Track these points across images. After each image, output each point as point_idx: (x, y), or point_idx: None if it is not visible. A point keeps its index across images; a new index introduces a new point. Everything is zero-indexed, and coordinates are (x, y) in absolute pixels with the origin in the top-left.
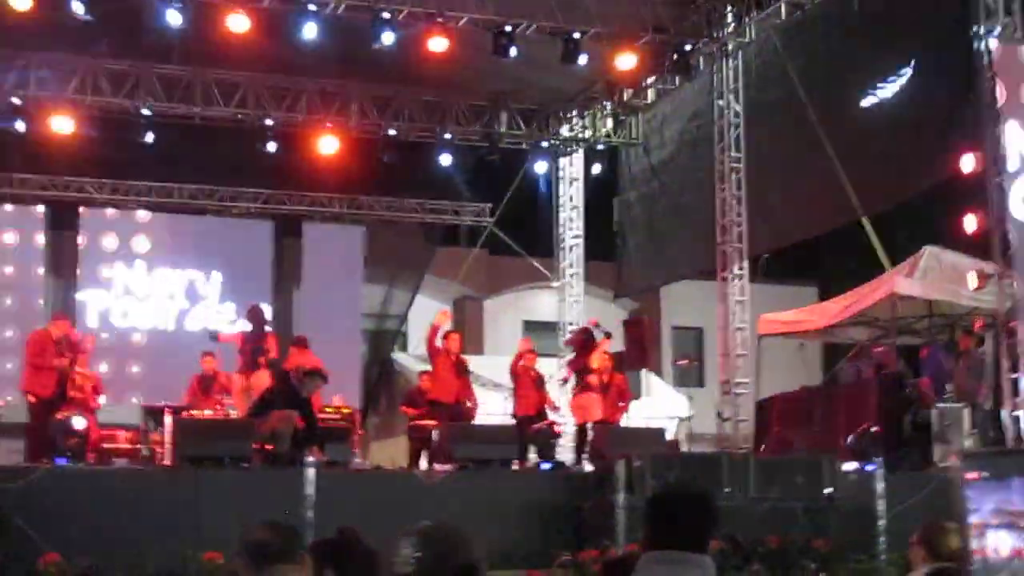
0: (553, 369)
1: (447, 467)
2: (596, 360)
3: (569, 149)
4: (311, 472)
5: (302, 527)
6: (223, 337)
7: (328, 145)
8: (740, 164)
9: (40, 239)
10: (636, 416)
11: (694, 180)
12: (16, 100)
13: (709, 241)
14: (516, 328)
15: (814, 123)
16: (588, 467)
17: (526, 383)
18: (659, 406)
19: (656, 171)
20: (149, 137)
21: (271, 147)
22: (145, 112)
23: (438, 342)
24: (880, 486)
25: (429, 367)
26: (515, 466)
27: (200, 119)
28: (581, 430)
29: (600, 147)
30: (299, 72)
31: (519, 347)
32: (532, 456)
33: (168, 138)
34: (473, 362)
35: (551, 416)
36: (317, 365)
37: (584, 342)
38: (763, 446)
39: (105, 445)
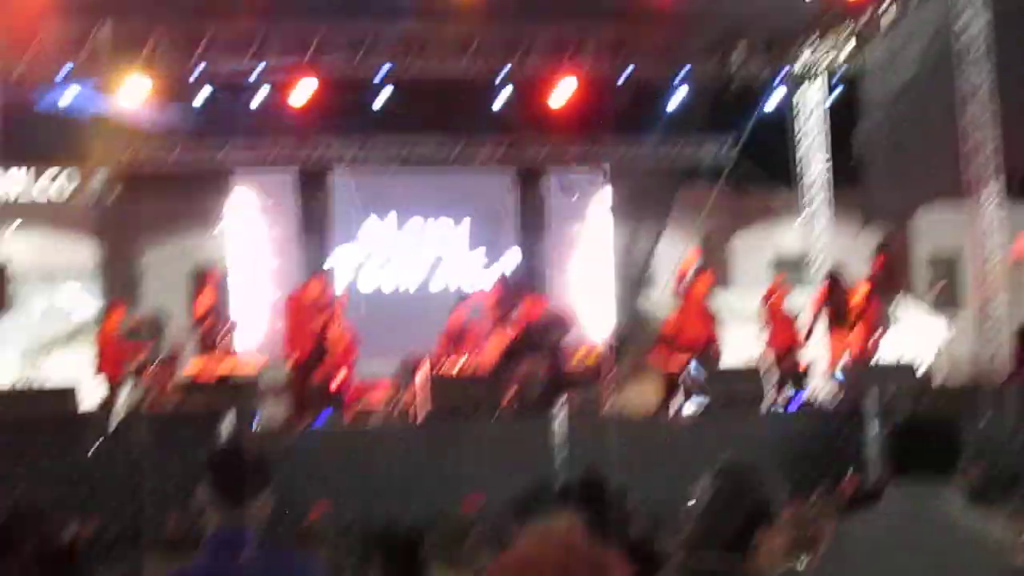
0: (802, 303)
1: (696, 408)
2: (846, 295)
3: (808, 78)
4: (560, 420)
5: (553, 475)
6: (473, 297)
7: (565, 91)
8: (986, 81)
9: (292, 203)
10: (889, 346)
11: (940, 101)
12: (259, 69)
13: (958, 163)
14: (763, 263)
15: None
16: (839, 402)
17: (776, 320)
18: (913, 335)
19: (900, 94)
20: (388, 96)
21: (508, 97)
22: (383, 71)
23: (686, 284)
24: None
25: (677, 309)
26: (765, 404)
27: (437, 74)
28: (832, 364)
29: (840, 73)
30: (532, 20)
31: (771, 284)
32: (783, 393)
33: (407, 95)
34: (721, 299)
35: (802, 352)
36: (557, 314)
37: (831, 285)
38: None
39: (362, 401)
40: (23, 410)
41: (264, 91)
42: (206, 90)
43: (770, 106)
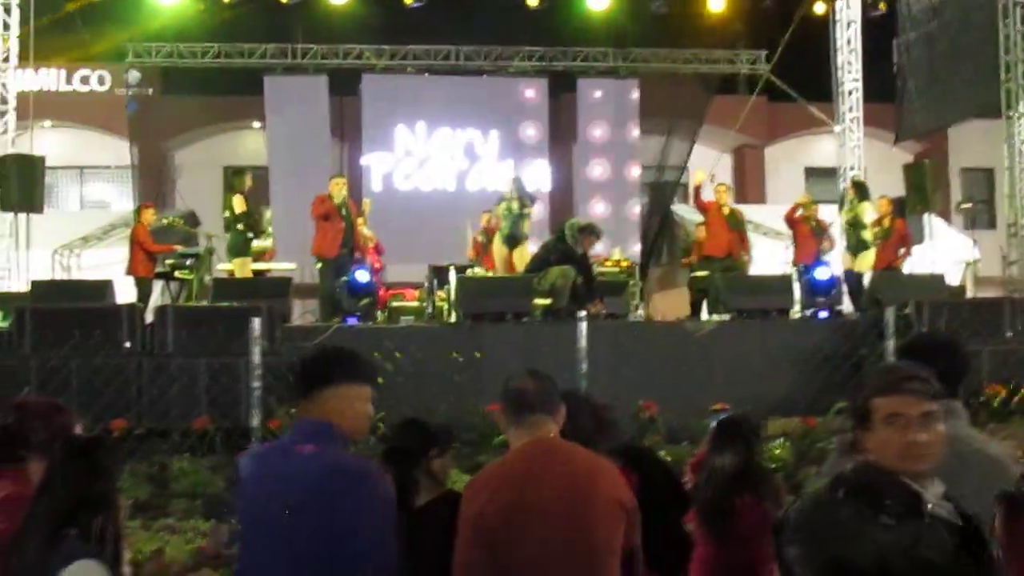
0: (835, 216)
1: (724, 317)
2: (871, 208)
3: None
4: (583, 325)
5: (576, 379)
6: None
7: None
8: None
9: (324, 107)
10: (921, 261)
11: (977, 17)
12: None
13: (994, 79)
14: (797, 175)
15: None
16: (864, 312)
17: (804, 232)
18: (945, 250)
19: (937, 10)
20: (422, 2)
21: (543, 5)
22: None
23: (706, 196)
24: None
25: (702, 220)
26: (791, 315)
27: None
28: (859, 277)
29: None
30: None
31: (797, 201)
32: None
33: (439, 2)
34: (754, 211)
35: (830, 263)
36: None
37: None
38: None
39: (393, 304)
40: (59, 301)
41: None
42: None
43: (808, 19)
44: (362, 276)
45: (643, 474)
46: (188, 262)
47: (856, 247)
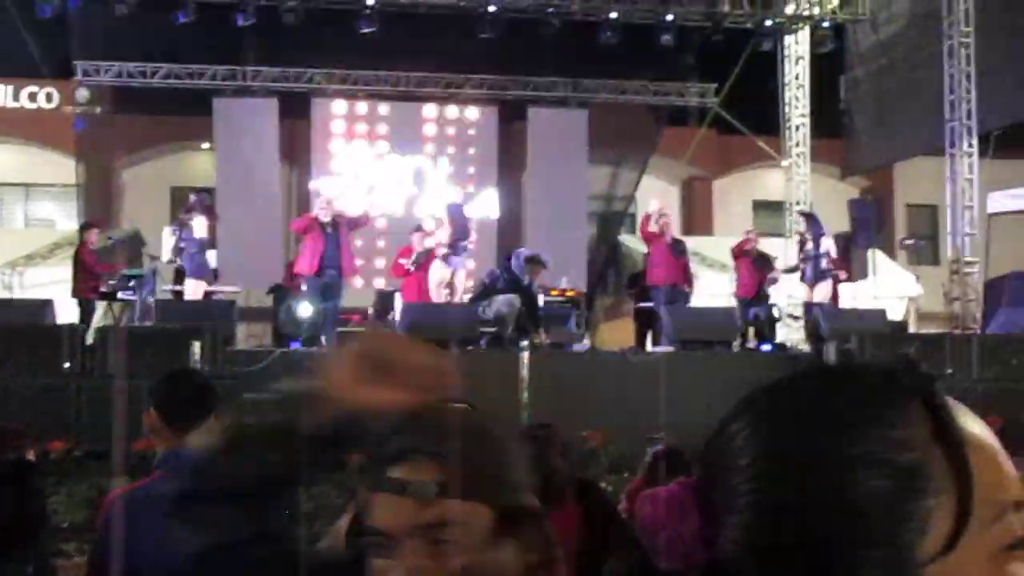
0: (781, 250)
1: (667, 348)
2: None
3: (795, 27)
4: (525, 355)
5: (519, 408)
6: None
7: (551, 29)
8: (969, 39)
9: (274, 130)
10: (864, 296)
11: (924, 55)
12: None
13: (940, 117)
14: (745, 208)
15: None
16: (807, 345)
17: (747, 265)
18: (888, 285)
19: (885, 47)
20: (374, 27)
21: (494, 33)
22: (370, 1)
23: (652, 227)
24: None
25: (648, 251)
26: (735, 347)
27: (426, 8)
28: (804, 309)
29: (826, 24)
30: None
31: (743, 236)
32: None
33: (394, 27)
34: (702, 243)
35: (773, 296)
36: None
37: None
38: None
39: (338, 329)
40: (1, 319)
41: (251, 15)
42: (192, 11)
43: (757, 53)
44: (304, 311)
45: (587, 507)
46: (132, 283)
47: (815, 279)
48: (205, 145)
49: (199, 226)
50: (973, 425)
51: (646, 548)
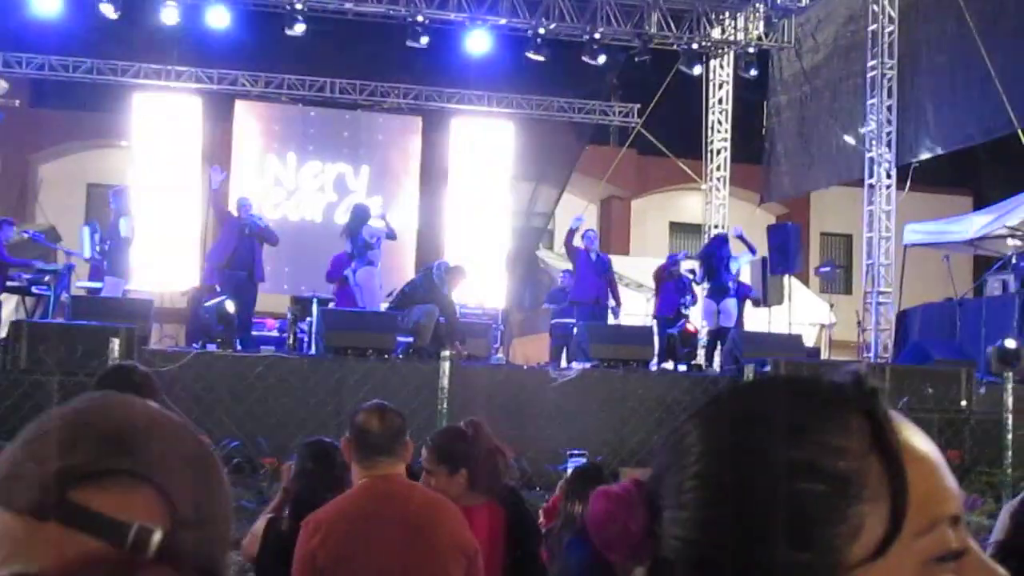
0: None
1: (583, 365)
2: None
3: (720, 51)
4: (446, 365)
5: (436, 418)
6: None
7: (478, 42)
8: (892, 71)
9: (196, 130)
10: (778, 322)
11: (846, 85)
12: None
13: (859, 148)
14: (662, 229)
15: (971, 30)
16: (724, 367)
17: (668, 286)
18: (802, 312)
19: (808, 75)
20: (301, 31)
21: (422, 43)
22: (298, 6)
23: (577, 241)
24: (1010, 399)
25: (571, 267)
26: (652, 367)
27: (353, 14)
28: (717, 333)
29: (751, 50)
30: None
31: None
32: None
33: (321, 33)
34: (618, 262)
35: (691, 318)
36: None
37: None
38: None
39: (254, 333)
40: None
41: (175, 11)
42: (120, 5)
43: (681, 76)
44: (229, 307)
45: (512, 513)
46: (46, 278)
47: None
48: (124, 143)
49: (124, 224)
50: (915, 439)
51: (596, 542)
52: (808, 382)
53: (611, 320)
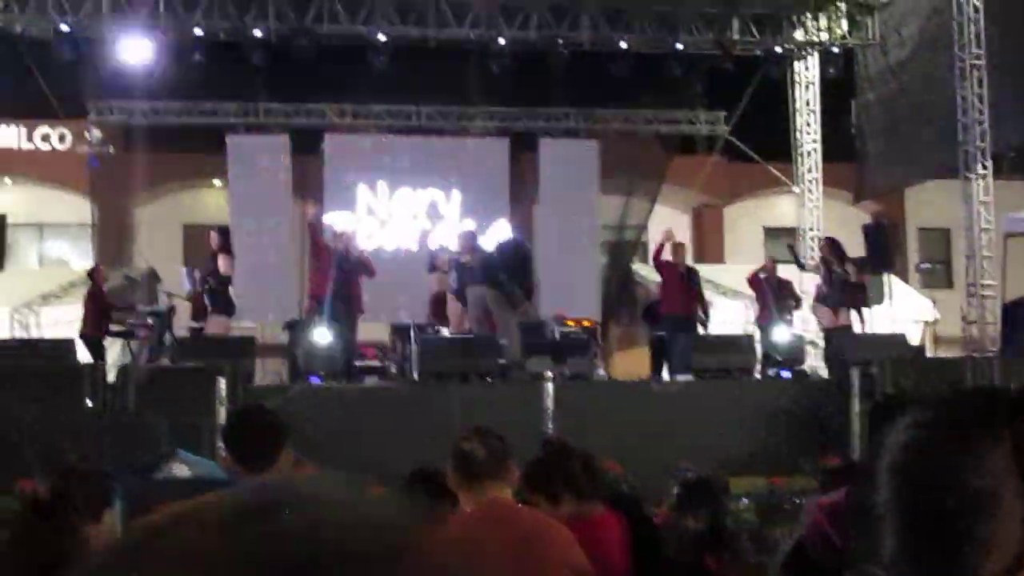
0: (796, 276)
1: (686, 377)
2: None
3: (804, 53)
4: (550, 385)
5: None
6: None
7: (560, 60)
8: (981, 61)
9: (286, 165)
10: (881, 321)
11: (934, 79)
12: (258, 33)
13: (952, 140)
14: (756, 235)
15: None
16: (827, 373)
17: (763, 294)
18: (904, 310)
19: (895, 71)
20: (385, 61)
21: (505, 65)
22: (381, 37)
23: (665, 255)
24: None
25: (661, 280)
26: (755, 374)
27: (436, 42)
28: (824, 336)
29: (835, 49)
30: None
31: (761, 264)
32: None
33: (404, 61)
34: (714, 270)
35: (791, 323)
36: None
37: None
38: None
39: (356, 363)
40: (21, 361)
41: (262, 52)
42: (206, 49)
43: (766, 80)
44: (321, 336)
45: (633, 521)
46: (150, 320)
47: (839, 303)
48: (217, 182)
49: (224, 263)
50: None
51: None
52: (956, 407)
53: (700, 331)
